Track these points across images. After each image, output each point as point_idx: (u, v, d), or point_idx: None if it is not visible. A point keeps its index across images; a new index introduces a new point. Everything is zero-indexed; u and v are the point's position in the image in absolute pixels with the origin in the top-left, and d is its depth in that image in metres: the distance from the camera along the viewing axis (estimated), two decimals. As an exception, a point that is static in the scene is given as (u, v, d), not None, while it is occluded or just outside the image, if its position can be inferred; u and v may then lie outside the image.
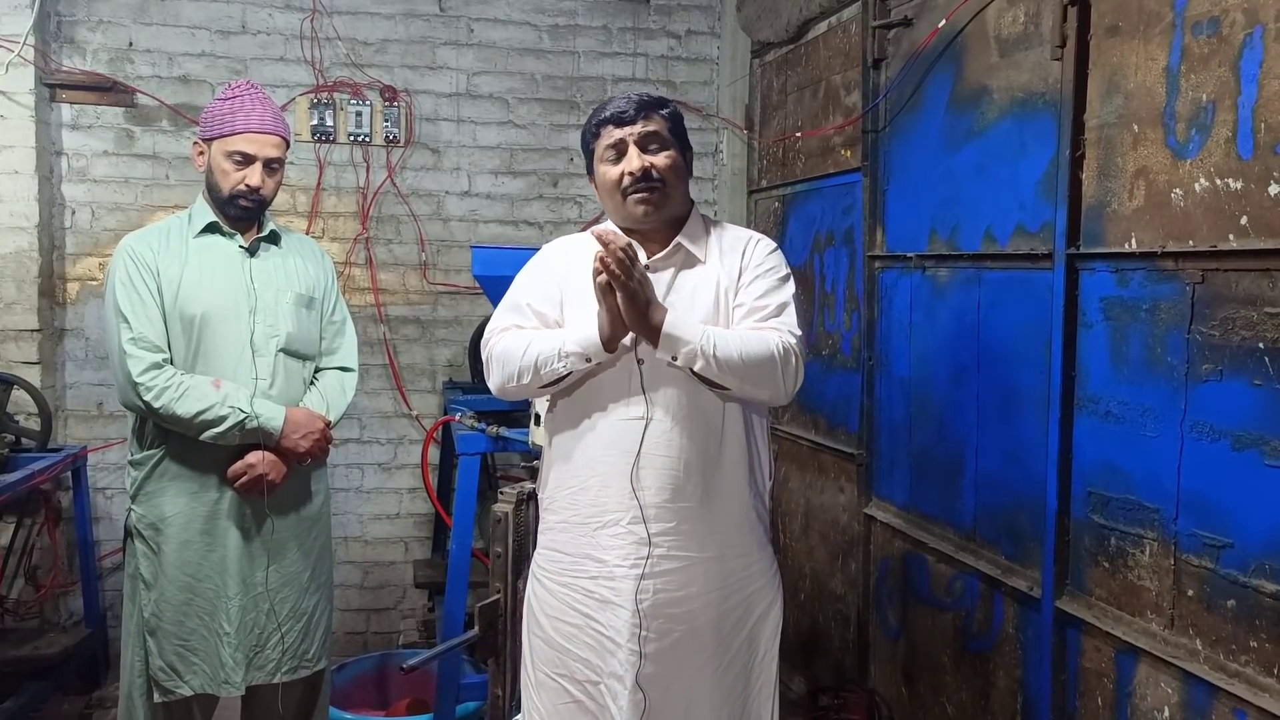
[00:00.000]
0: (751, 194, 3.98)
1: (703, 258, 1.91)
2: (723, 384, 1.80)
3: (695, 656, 1.85)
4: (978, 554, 2.52)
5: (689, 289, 1.89)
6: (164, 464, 2.33)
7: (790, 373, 1.83)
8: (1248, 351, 1.74)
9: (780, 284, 1.90)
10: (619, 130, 1.87)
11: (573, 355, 1.81)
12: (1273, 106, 1.69)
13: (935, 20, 2.67)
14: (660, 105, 1.92)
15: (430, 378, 3.97)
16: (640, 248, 1.87)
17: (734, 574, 1.88)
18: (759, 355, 1.79)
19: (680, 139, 1.94)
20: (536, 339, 1.86)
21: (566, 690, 1.88)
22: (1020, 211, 2.36)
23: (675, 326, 1.76)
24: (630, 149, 1.87)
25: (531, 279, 1.98)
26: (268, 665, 2.38)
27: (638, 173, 1.85)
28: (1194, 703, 1.86)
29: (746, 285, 1.89)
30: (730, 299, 1.89)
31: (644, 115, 1.88)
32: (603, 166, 1.91)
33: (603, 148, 1.90)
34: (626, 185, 1.86)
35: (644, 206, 1.87)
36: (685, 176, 1.95)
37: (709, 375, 1.79)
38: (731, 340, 1.79)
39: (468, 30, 3.92)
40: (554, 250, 2.02)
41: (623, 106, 1.89)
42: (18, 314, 3.49)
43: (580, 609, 1.86)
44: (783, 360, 1.81)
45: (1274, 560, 1.70)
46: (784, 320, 1.86)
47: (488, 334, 1.96)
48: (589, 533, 1.85)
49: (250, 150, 2.33)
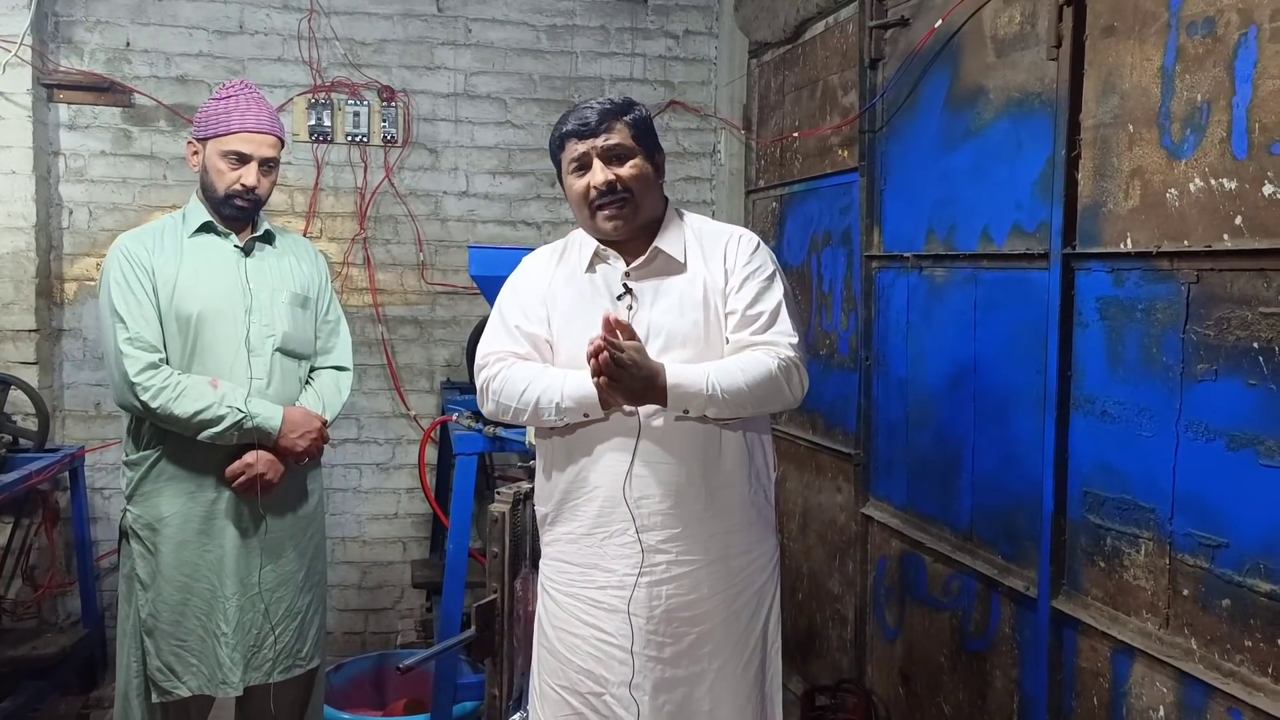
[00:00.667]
0: (749, 194, 3.98)
1: (683, 260, 1.89)
2: (735, 417, 1.82)
3: (715, 656, 1.86)
4: (974, 554, 2.52)
5: (675, 297, 1.87)
6: (160, 464, 2.33)
7: (795, 385, 1.84)
8: (1243, 351, 1.74)
9: (769, 284, 1.88)
10: (581, 144, 1.85)
11: (570, 410, 1.80)
12: (1267, 107, 1.69)
13: (932, 20, 2.67)
14: (624, 111, 1.88)
15: (428, 378, 3.97)
16: (619, 257, 1.89)
17: (740, 571, 1.89)
18: (762, 379, 1.79)
19: (648, 143, 1.90)
20: (535, 382, 1.83)
21: (568, 703, 1.88)
22: (1017, 211, 2.36)
23: (680, 385, 1.74)
24: (594, 162, 1.84)
25: (518, 297, 1.95)
26: (264, 665, 2.38)
27: (602, 186, 1.83)
28: (1189, 702, 1.86)
29: (736, 290, 1.87)
30: (720, 303, 1.87)
31: (605, 126, 1.84)
32: (569, 179, 1.89)
33: (567, 160, 1.88)
34: (594, 199, 1.84)
35: (613, 221, 1.85)
36: (655, 181, 1.91)
37: (723, 416, 1.79)
38: (733, 374, 1.78)
39: (465, 30, 3.92)
40: (536, 264, 1.99)
41: (585, 118, 1.85)
42: (15, 314, 3.50)
43: (586, 619, 1.86)
44: (785, 376, 1.81)
45: (1269, 560, 1.70)
46: (779, 329, 1.85)
47: (483, 357, 1.93)
48: (597, 543, 1.85)
49: (246, 150, 2.33)
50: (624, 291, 1.87)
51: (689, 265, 1.89)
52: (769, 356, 1.82)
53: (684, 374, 1.76)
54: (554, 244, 2.03)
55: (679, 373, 1.76)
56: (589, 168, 1.85)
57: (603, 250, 1.90)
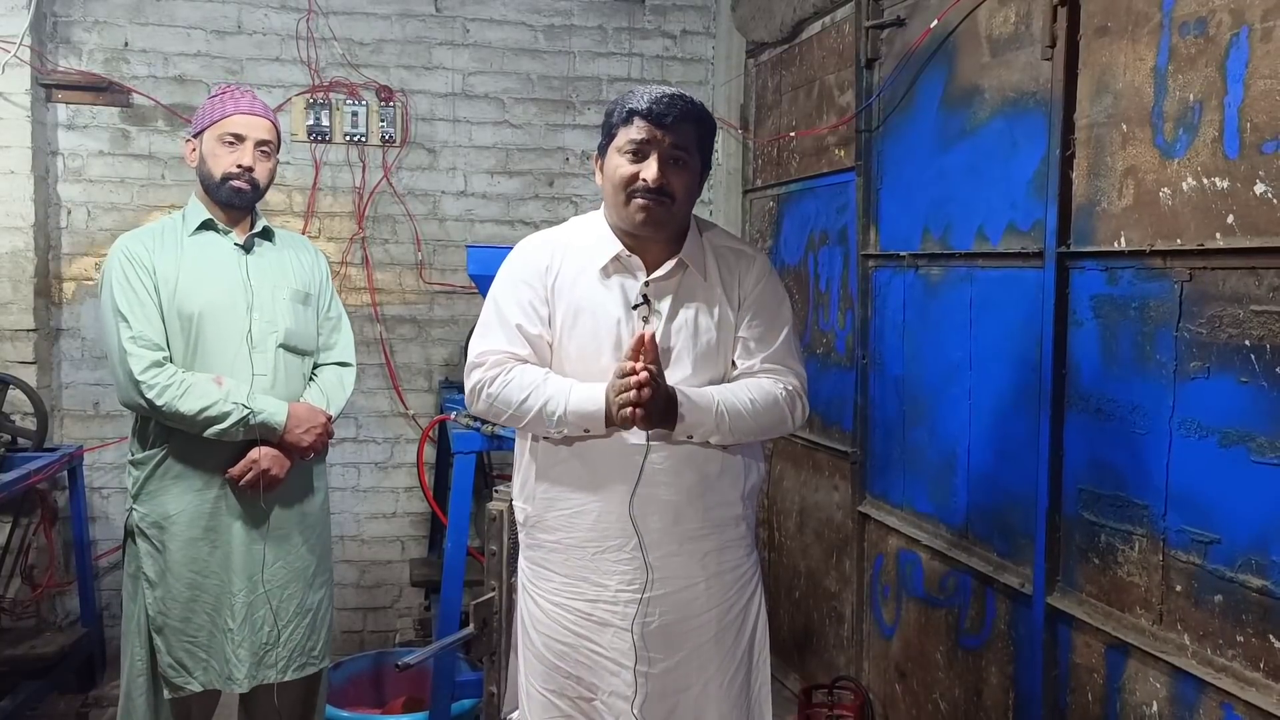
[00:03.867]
0: (746, 193, 3.99)
1: (704, 277, 1.85)
2: (738, 443, 1.82)
3: (701, 671, 1.85)
4: (970, 551, 2.54)
5: (691, 314, 1.82)
6: (167, 463, 2.33)
7: (798, 414, 1.87)
8: (1234, 349, 1.76)
9: (778, 314, 1.89)
10: (650, 129, 1.73)
11: (570, 425, 1.75)
12: (1258, 106, 1.71)
13: (927, 20, 2.68)
14: (701, 117, 1.79)
15: (426, 377, 3.98)
16: (643, 268, 1.81)
17: (730, 587, 1.89)
18: (767, 408, 1.81)
19: (705, 156, 1.84)
20: (536, 391, 1.76)
21: (555, 705, 1.87)
22: (1012, 210, 2.38)
23: (690, 410, 1.73)
24: (653, 155, 1.74)
25: (518, 292, 1.85)
26: (278, 663, 2.39)
27: (652, 184, 1.73)
28: (1182, 697, 1.87)
29: (747, 321, 1.86)
30: (731, 324, 1.85)
31: (680, 125, 1.75)
32: (618, 158, 1.77)
33: (625, 139, 1.76)
34: (636, 188, 1.75)
35: (643, 214, 1.75)
36: (696, 195, 1.84)
37: (726, 443, 1.80)
38: (740, 403, 1.78)
39: (463, 30, 3.93)
40: (537, 256, 1.86)
41: (664, 106, 1.73)
42: (14, 314, 3.50)
43: (574, 629, 1.83)
44: (789, 406, 1.84)
45: (1260, 555, 1.71)
46: (787, 360, 1.87)
47: (480, 355, 1.85)
48: (588, 557, 1.81)
49: (242, 131, 2.35)
50: (641, 301, 1.80)
51: (708, 279, 1.85)
52: (775, 385, 1.83)
53: (695, 401, 1.74)
54: (550, 233, 1.92)
55: (690, 399, 1.74)
56: (645, 156, 1.74)
57: (626, 257, 1.81)
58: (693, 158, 1.79)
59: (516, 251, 1.91)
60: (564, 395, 1.75)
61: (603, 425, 1.73)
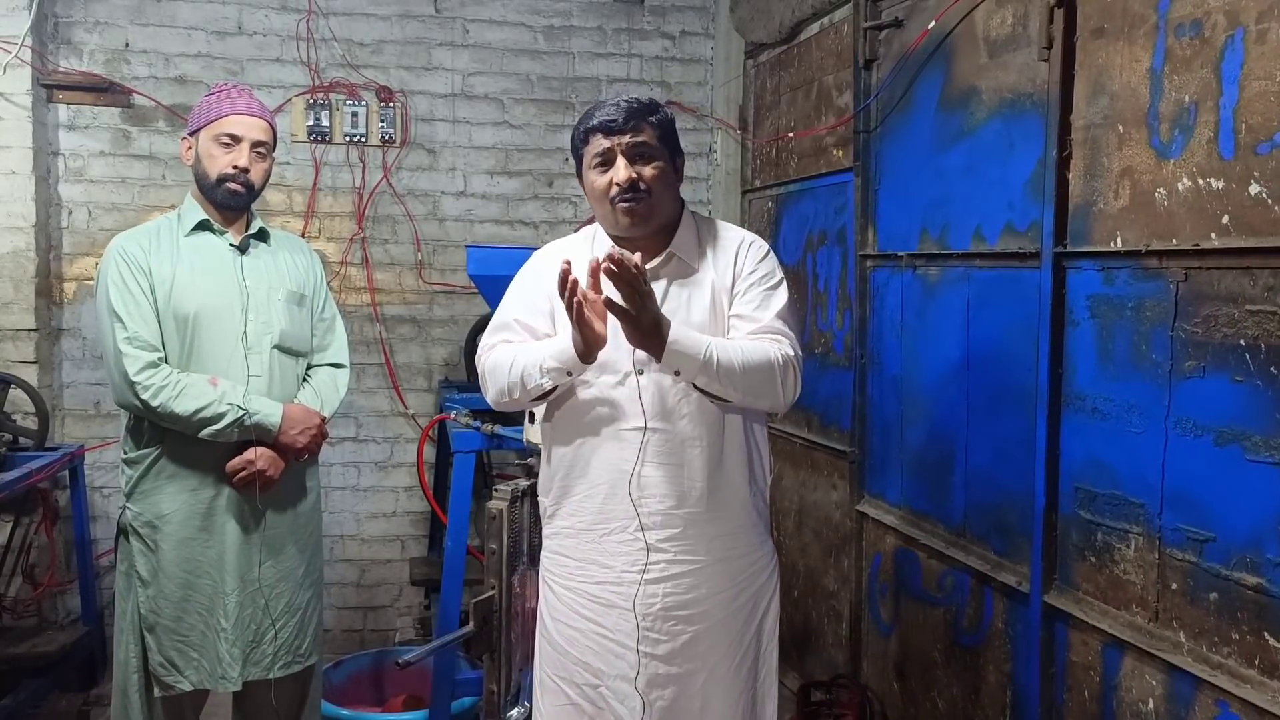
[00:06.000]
0: (745, 194, 4.00)
1: (696, 266, 1.90)
2: (724, 396, 1.81)
3: (709, 655, 1.88)
4: (968, 550, 2.55)
5: (684, 298, 1.88)
6: (160, 462, 2.34)
7: (789, 384, 1.85)
8: (1229, 348, 1.77)
9: (774, 291, 1.90)
10: (607, 139, 1.84)
11: (552, 370, 1.81)
12: (1253, 108, 1.72)
13: (925, 21, 2.69)
14: (650, 111, 1.88)
15: (426, 376, 3.99)
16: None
17: (740, 573, 1.91)
18: (759, 366, 1.80)
19: (670, 144, 1.91)
20: (520, 354, 1.87)
21: (565, 693, 1.91)
22: (1009, 211, 2.39)
23: (679, 342, 1.74)
24: (618, 159, 1.84)
25: (521, 292, 1.98)
26: (264, 661, 2.40)
27: (624, 184, 1.82)
28: (1178, 694, 1.88)
29: (741, 295, 1.89)
30: (725, 306, 1.89)
31: (633, 124, 1.84)
32: (591, 174, 1.88)
33: (590, 155, 1.87)
34: (614, 195, 1.84)
35: (629, 218, 1.84)
36: (675, 183, 1.92)
37: (711, 389, 1.80)
38: (733, 352, 1.78)
39: (463, 31, 3.94)
40: (543, 259, 2.00)
41: (611, 115, 1.84)
42: (15, 314, 3.51)
43: (584, 613, 1.89)
44: (782, 371, 1.82)
45: (1255, 554, 1.72)
46: (783, 331, 1.88)
47: (479, 350, 1.98)
48: (595, 539, 1.88)
49: (238, 131, 2.35)
50: None
51: (700, 269, 1.90)
52: (771, 346, 1.84)
53: (687, 333, 1.76)
54: (558, 241, 2.05)
55: (682, 330, 1.76)
56: (612, 164, 1.84)
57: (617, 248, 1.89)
58: (656, 148, 1.87)
59: (528, 260, 2.04)
60: (542, 348, 1.86)
61: (579, 361, 1.78)
